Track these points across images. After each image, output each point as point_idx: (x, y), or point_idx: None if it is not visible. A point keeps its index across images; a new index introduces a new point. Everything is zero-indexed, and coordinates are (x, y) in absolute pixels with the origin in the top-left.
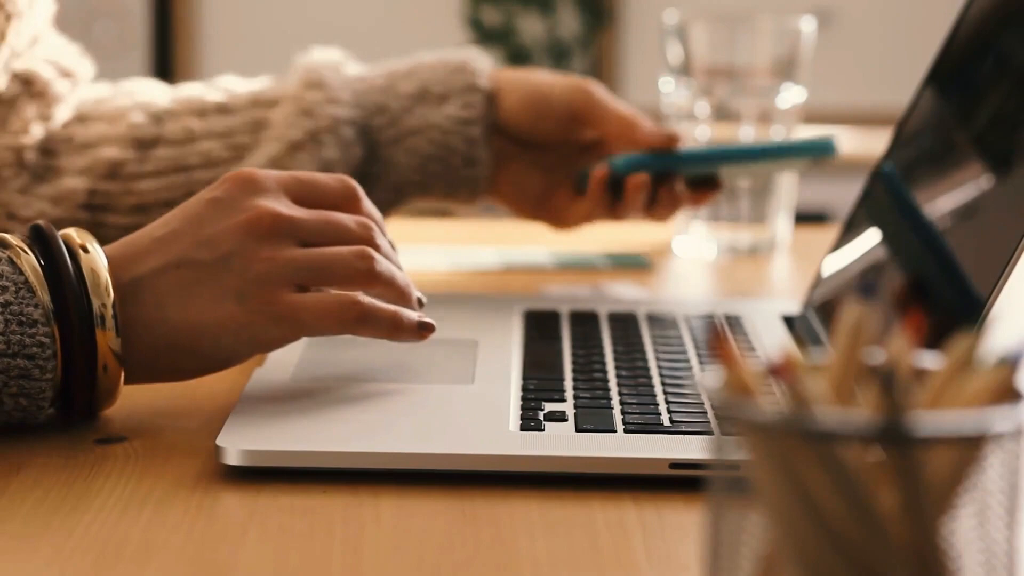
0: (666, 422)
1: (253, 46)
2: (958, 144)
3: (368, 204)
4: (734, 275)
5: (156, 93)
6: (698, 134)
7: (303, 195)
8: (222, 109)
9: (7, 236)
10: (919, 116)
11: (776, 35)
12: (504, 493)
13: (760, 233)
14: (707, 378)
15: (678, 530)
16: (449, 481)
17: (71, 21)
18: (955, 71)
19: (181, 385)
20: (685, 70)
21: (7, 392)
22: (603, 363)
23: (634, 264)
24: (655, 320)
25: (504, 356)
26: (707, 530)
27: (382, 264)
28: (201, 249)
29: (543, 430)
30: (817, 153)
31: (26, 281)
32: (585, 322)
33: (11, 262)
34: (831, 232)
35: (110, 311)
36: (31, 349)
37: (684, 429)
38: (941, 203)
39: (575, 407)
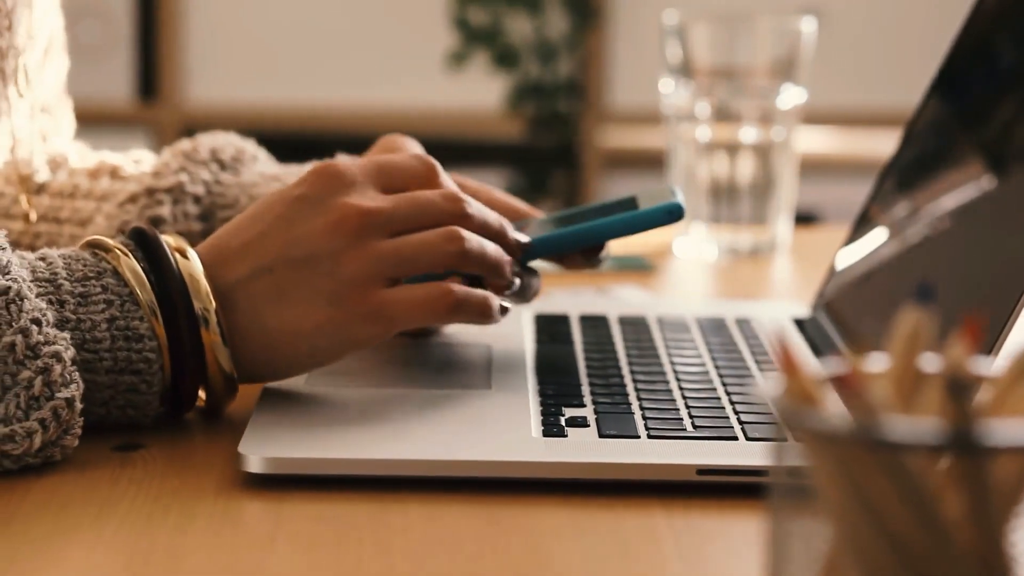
0: (689, 427)
1: (237, 47)
2: (970, 146)
3: (447, 179)
4: (736, 276)
5: (73, 150)
6: (699, 135)
7: (386, 181)
8: (114, 173)
9: (106, 240)
10: (930, 116)
11: (776, 35)
12: (530, 500)
13: (760, 234)
14: (768, 385)
15: (709, 536)
16: (472, 487)
17: None
18: (966, 71)
19: None
20: (685, 71)
21: (115, 405)
22: (618, 367)
23: (636, 266)
24: (666, 323)
25: (518, 360)
26: (767, 536)
27: (472, 242)
28: (291, 251)
29: (566, 436)
30: (667, 221)
31: (131, 294)
32: (596, 325)
33: (115, 273)
34: (828, 233)
35: (213, 316)
36: (138, 365)
37: (708, 434)
38: (954, 203)
39: (595, 412)
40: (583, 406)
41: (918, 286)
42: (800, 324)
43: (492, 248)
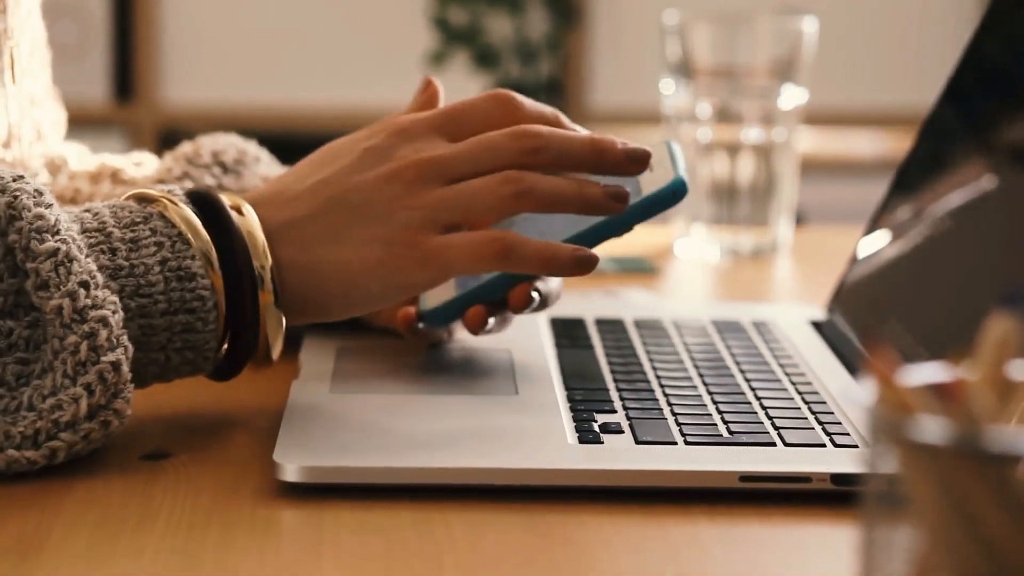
0: (725, 433)
1: (214, 47)
2: (988, 143)
3: (528, 106)
4: (740, 278)
5: (72, 152)
6: (700, 135)
7: (456, 128)
8: (115, 176)
9: (150, 191)
10: (947, 114)
11: (776, 36)
12: (571, 508)
13: (762, 235)
14: (862, 393)
15: (756, 544)
16: (510, 495)
17: None
18: (986, 66)
19: (218, 399)
20: (685, 71)
21: (172, 348)
22: (643, 372)
23: (639, 268)
24: (683, 326)
25: (541, 365)
26: (859, 544)
27: (533, 180)
28: (349, 196)
29: (602, 443)
30: (674, 202)
31: (180, 233)
32: (613, 329)
33: (162, 216)
34: (825, 233)
35: (268, 274)
36: (192, 303)
37: (745, 440)
38: (976, 202)
39: (628, 418)
40: (614, 412)
41: (1005, 291)
42: (818, 327)
43: (567, 182)
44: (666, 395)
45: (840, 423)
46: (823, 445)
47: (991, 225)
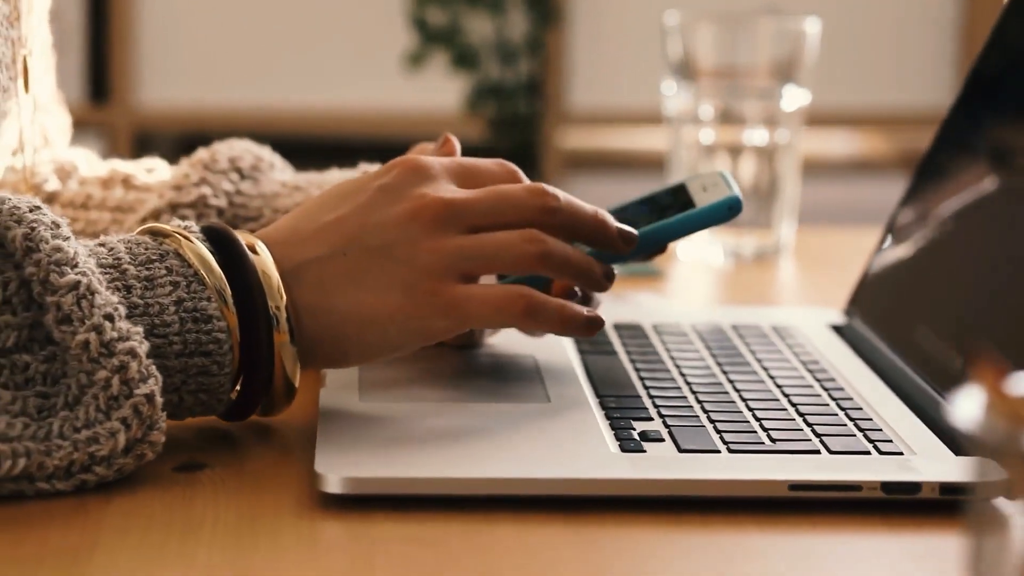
0: (767, 441)
1: (190, 49)
2: (1009, 145)
3: (521, 181)
4: (746, 281)
5: (81, 158)
6: (702, 137)
7: (468, 180)
8: (127, 182)
9: (164, 226)
10: (966, 115)
11: (777, 37)
12: (617, 517)
13: (765, 238)
14: (967, 404)
15: (812, 554)
16: (554, 504)
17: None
18: (1004, 67)
19: None
20: (686, 72)
21: (186, 390)
22: (672, 378)
23: (644, 272)
24: (703, 331)
25: (568, 372)
26: (967, 555)
27: (552, 245)
28: (367, 238)
29: (644, 451)
30: (728, 217)
31: (195, 274)
32: (634, 335)
33: (177, 255)
34: (822, 235)
35: (284, 314)
36: (208, 346)
37: (789, 448)
38: (998, 203)
39: (666, 426)
40: (651, 419)
41: None
42: (839, 331)
43: (578, 255)
44: (700, 402)
45: (880, 429)
46: (868, 452)
47: (1017, 224)
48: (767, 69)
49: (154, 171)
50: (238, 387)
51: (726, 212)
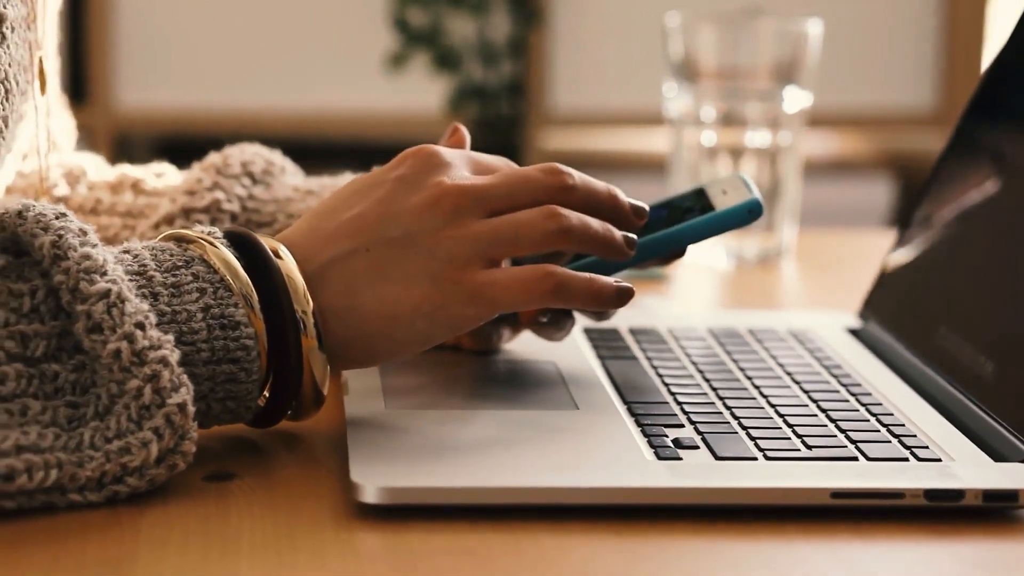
0: (802, 448)
1: (168, 49)
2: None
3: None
4: (750, 284)
5: (89, 162)
6: (704, 139)
7: (483, 166)
8: (136, 187)
9: (187, 231)
10: (981, 117)
11: (778, 38)
12: (658, 525)
13: (767, 240)
14: None
15: (856, 562)
16: (590, 513)
17: None
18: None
19: None
20: (686, 74)
21: (214, 398)
22: (696, 383)
23: (649, 276)
24: (720, 335)
25: (591, 378)
26: None
27: (572, 218)
28: (388, 230)
29: (681, 459)
30: (749, 220)
31: (221, 280)
32: (652, 339)
33: (203, 261)
34: (821, 237)
35: (311, 319)
36: (236, 353)
37: (826, 455)
38: (1016, 204)
39: (698, 432)
40: (682, 426)
41: None
42: (856, 334)
43: (598, 224)
44: (728, 407)
45: (915, 435)
46: (906, 459)
47: None
48: (768, 71)
49: (164, 176)
50: (266, 393)
51: (746, 215)
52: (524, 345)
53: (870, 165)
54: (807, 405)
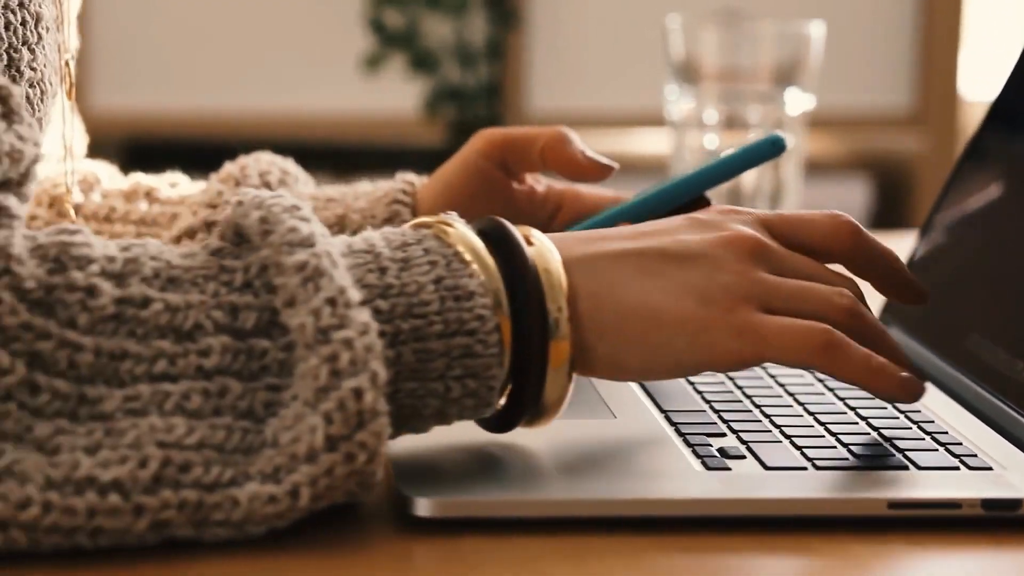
0: (849, 457)
1: (142, 51)
2: None
3: (866, 247)
4: None
5: (103, 170)
6: (706, 142)
7: (785, 232)
8: (150, 195)
9: (426, 218)
10: (1002, 121)
11: (779, 41)
12: (713, 536)
13: None
14: None
15: (918, 572)
16: (639, 524)
17: None
18: None
19: None
20: (687, 76)
21: (451, 376)
22: (729, 389)
23: None
24: None
25: (620, 384)
26: None
27: (864, 310)
28: (669, 247)
29: (730, 469)
30: (772, 153)
31: (455, 253)
32: None
33: (436, 237)
34: None
35: (564, 316)
36: (471, 324)
37: (876, 464)
38: None
39: (742, 442)
40: (724, 435)
41: None
42: None
43: (888, 335)
44: (767, 416)
45: (960, 443)
46: (957, 468)
47: None
48: (769, 73)
49: (177, 185)
50: (509, 388)
51: (770, 147)
52: None
53: (845, 166)
54: (846, 412)
